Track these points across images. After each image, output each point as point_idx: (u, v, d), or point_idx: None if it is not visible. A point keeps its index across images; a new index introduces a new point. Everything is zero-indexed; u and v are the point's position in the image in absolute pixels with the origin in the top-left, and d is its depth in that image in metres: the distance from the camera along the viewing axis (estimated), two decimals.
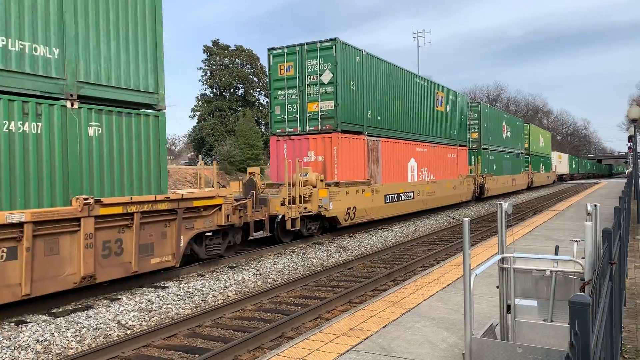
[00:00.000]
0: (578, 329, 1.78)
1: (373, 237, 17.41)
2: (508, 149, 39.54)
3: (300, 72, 17.13)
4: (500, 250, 4.38)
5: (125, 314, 8.53)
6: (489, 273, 8.62)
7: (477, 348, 3.68)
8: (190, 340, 7.64)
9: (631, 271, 9.74)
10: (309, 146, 17.05)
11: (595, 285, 2.45)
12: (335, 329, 6.07)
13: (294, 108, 17.31)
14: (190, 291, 10.02)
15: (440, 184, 24.77)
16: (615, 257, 4.50)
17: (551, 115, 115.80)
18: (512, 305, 4.40)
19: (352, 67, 17.45)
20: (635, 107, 18.88)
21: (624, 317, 6.84)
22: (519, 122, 45.14)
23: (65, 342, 7.38)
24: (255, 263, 12.75)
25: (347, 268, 12.72)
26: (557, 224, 16.10)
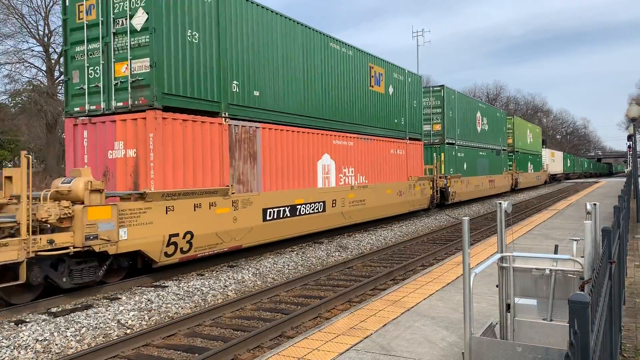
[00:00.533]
0: (577, 328, 1.78)
1: (372, 236, 17.42)
2: (484, 145, 33.24)
3: (105, 14, 11.06)
4: (499, 249, 4.38)
5: (124, 314, 8.53)
6: (489, 272, 8.63)
7: (477, 347, 3.69)
8: (190, 340, 7.65)
9: (630, 270, 9.75)
10: (116, 134, 10.90)
11: (594, 284, 2.45)
12: (335, 328, 6.07)
13: (96, 73, 11.19)
14: (190, 290, 10.02)
15: (376, 190, 18.74)
16: (614, 256, 4.50)
17: (550, 114, 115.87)
18: (511, 304, 4.40)
19: (195, 8, 11.27)
20: (634, 106, 18.88)
21: (624, 315, 6.84)
22: (500, 114, 38.49)
23: (64, 342, 7.38)
24: (254, 262, 12.75)
25: (346, 267, 12.73)
26: (556, 223, 16.11)
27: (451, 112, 27.49)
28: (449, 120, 27.19)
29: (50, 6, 34.63)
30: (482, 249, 11.38)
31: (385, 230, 18.90)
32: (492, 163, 34.74)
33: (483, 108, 33.89)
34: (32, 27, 34.24)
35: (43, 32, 34.92)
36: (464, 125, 29.55)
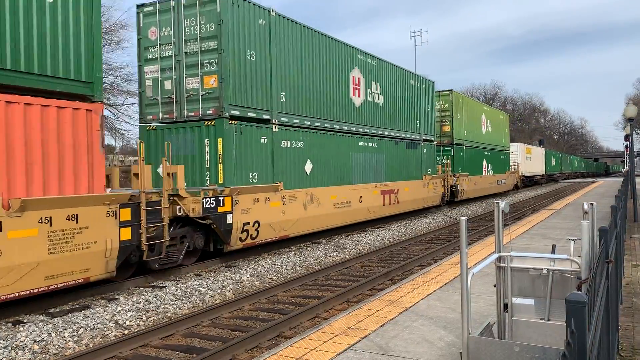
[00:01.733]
0: (574, 328, 1.78)
1: (370, 236, 17.43)
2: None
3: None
4: (497, 249, 4.39)
5: (122, 314, 8.52)
6: (487, 272, 8.64)
7: (475, 347, 3.69)
8: (188, 340, 7.64)
9: (628, 270, 9.78)
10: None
11: (591, 283, 2.46)
12: (333, 328, 6.08)
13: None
14: (188, 291, 10.01)
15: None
16: (611, 256, 4.52)
17: (548, 114, 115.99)
18: (509, 303, 4.41)
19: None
20: (631, 106, 18.93)
21: (621, 315, 6.86)
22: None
23: (62, 342, 7.36)
24: (252, 263, 12.74)
25: (344, 267, 12.73)
26: (554, 223, 16.14)
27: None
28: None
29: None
30: (480, 249, 11.40)
31: (383, 231, 18.91)
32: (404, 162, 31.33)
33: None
34: None
35: None
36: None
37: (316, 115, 16.00)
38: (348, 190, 17.39)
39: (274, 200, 13.70)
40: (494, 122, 36.66)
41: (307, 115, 15.61)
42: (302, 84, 15.37)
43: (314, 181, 15.76)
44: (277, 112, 14.30)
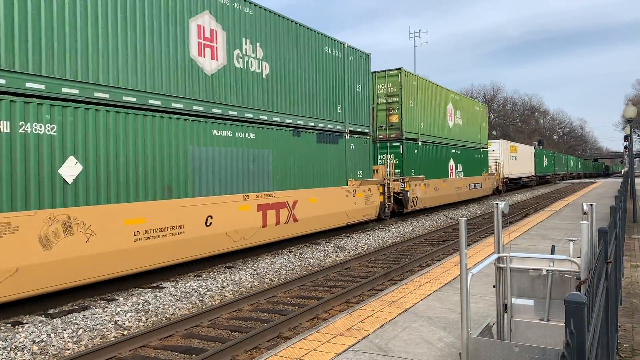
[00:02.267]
0: (573, 328, 1.78)
1: (370, 237, 17.43)
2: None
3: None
4: (496, 250, 4.39)
5: (122, 315, 8.52)
6: (486, 272, 8.64)
7: (474, 347, 3.69)
8: (187, 341, 7.64)
9: (627, 270, 9.78)
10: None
11: (590, 284, 2.46)
12: (332, 328, 6.07)
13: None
14: (187, 291, 10.01)
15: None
16: (611, 256, 4.52)
17: (548, 114, 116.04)
18: (508, 304, 4.41)
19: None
20: (631, 107, 18.94)
21: (620, 315, 6.86)
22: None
23: (62, 343, 7.36)
24: (252, 263, 12.74)
25: (344, 268, 12.73)
26: (553, 223, 16.15)
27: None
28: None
29: None
30: (480, 249, 11.40)
31: (382, 231, 18.91)
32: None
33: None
34: None
35: None
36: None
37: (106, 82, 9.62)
38: (174, 207, 10.66)
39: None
40: (466, 113, 30.29)
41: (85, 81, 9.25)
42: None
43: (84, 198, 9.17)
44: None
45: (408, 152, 22.71)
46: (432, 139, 25.44)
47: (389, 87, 22.47)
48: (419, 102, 23.90)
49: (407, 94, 22.74)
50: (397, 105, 22.35)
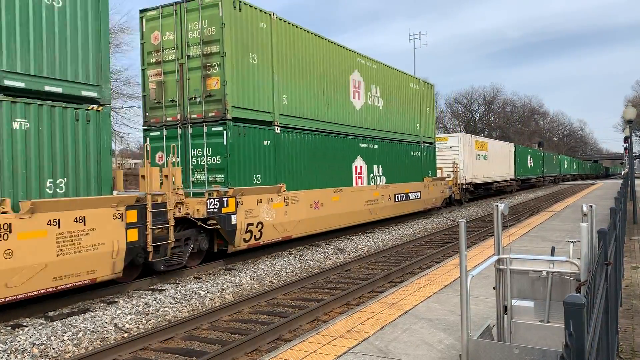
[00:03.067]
0: (573, 330, 1.78)
1: (370, 239, 17.42)
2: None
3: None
4: (496, 252, 4.39)
5: (122, 317, 8.51)
6: (486, 274, 8.64)
7: (474, 349, 3.69)
8: (187, 343, 7.63)
9: (627, 272, 9.77)
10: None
11: (590, 285, 2.46)
12: (332, 331, 6.07)
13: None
14: (188, 294, 10.01)
15: None
16: (610, 258, 4.52)
17: (547, 116, 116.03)
18: (508, 306, 4.41)
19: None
20: (630, 108, 18.95)
21: (620, 317, 6.86)
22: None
23: (62, 346, 7.35)
24: (252, 265, 12.73)
25: (344, 270, 12.72)
26: (553, 225, 16.14)
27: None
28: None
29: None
30: (480, 251, 11.40)
31: (382, 233, 18.91)
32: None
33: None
34: None
35: None
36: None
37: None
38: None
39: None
40: (391, 91, 21.16)
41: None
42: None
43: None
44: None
45: (242, 143, 13.09)
46: (313, 124, 15.91)
47: (206, 28, 12.92)
48: (274, 58, 14.32)
49: (239, 39, 13.06)
50: (218, 59, 12.74)
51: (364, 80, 19.39)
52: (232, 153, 12.81)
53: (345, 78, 18.04)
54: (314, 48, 16.37)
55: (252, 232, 12.95)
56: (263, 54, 14.01)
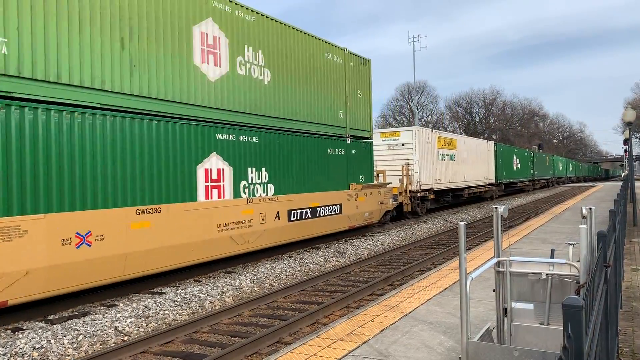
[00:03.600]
0: (571, 331, 1.79)
1: (370, 241, 17.42)
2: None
3: None
4: (496, 254, 4.39)
5: (122, 320, 8.51)
6: (486, 277, 8.64)
7: (474, 351, 3.69)
8: (187, 346, 7.63)
9: (627, 274, 9.77)
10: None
11: (589, 287, 2.47)
12: (332, 333, 6.07)
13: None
14: (187, 297, 10.00)
15: None
16: (610, 260, 4.52)
17: (547, 118, 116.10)
18: (508, 308, 4.41)
19: None
20: (630, 110, 18.97)
21: (620, 319, 6.86)
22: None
23: (62, 349, 7.35)
24: (252, 268, 12.73)
25: (344, 272, 12.72)
26: (553, 227, 16.14)
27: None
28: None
29: None
30: (480, 254, 11.40)
31: (382, 235, 18.90)
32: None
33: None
34: None
35: None
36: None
37: None
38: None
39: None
40: (290, 60, 14.90)
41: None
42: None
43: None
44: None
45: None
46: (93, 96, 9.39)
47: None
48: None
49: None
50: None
51: (229, 38, 12.65)
52: None
53: (184, 28, 11.35)
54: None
55: None
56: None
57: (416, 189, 24.18)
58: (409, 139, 24.79)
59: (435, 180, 26.35)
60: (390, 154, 24.96)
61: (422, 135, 25.44)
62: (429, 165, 25.86)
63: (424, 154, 25.24)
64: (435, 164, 26.71)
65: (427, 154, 25.76)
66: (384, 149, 25.16)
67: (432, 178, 26.09)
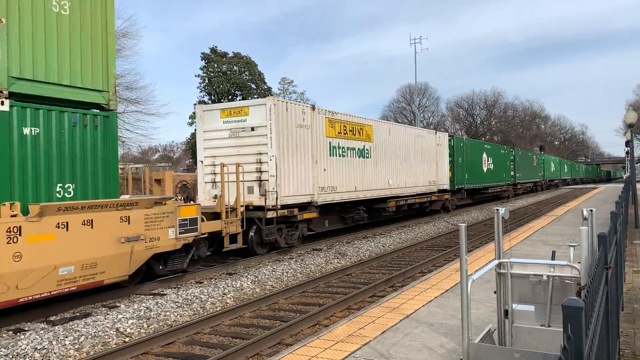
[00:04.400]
0: (571, 333, 1.79)
1: (371, 243, 17.42)
2: None
3: None
4: (497, 256, 4.39)
5: (123, 322, 8.52)
6: (488, 278, 8.64)
7: (475, 353, 3.70)
8: (188, 348, 7.64)
9: (629, 276, 9.77)
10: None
11: (589, 289, 2.47)
12: (333, 335, 6.07)
13: None
14: (189, 298, 10.01)
15: None
16: (611, 262, 4.53)
17: (549, 120, 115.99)
18: (509, 310, 4.41)
19: None
20: (631, 112, 18.96)
21: (622, 321, 6.85)
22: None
23: (63, 350, 7.36)
24: (253, 270, 12.74)
25: (345, 274, 12.72)
26: (554, 229, 16.13)
27: None
28: None
29: None
30: (481, 255, 11.39)
31: (384, 237, 18.90)
32: None
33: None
34: None
35: None
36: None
37: None
38: None
39: None
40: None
41: None
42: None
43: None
44: None
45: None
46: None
47: None
48: None
49: None
50: None
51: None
52: None
53: None
54: None
55: None
56: None
57: (272, 206, 14.11)
58: (260, 120, 14.46)
59: (319, 188, 16.11)
60: (236, 144, 14.77)
61: (288, 113, 14.90)
62: (304, 165, 15.51)
63: (291, 144, 14.93)
64: (323, 161, 16.42)
65: (301, 146, 15.42)
66: (226, 137, 14.96)
67: (313, 185, 15.86)
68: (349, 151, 18.22)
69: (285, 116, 14.75)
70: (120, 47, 35.39)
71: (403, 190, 22.13)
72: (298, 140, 15.33)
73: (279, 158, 14.37)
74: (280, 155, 14.44)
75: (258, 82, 55.77)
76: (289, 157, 14.88)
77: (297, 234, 15.54)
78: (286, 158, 14.71)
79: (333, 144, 17.18)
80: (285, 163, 14.64)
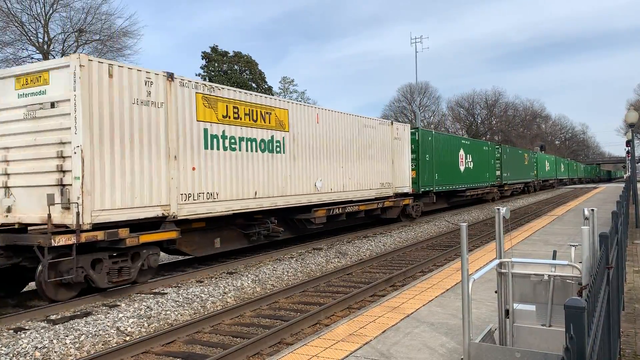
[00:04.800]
0: (573, 333, 1.79)
1: (372, 243, 17.41)
2: None
3: None
4: (498, 255, 4.39)
5: (124, 320, 8.52)
6: (489, 278, 8.63)
7: (476, 353, 3.69)
8: (189, 347, 7.64)
9: (630, 275, 9.76)
10: None
11: (591, 289, 2.47)
12: (334, 334, 6.07)
13: None
14: (189, 297, 10.01)
15: None
16: (612, 262, 4.52)
17: (549, 119, 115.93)
18: (510, 310, 4.41)
19: None
20: (632, 112, 18.94)
21: (623, 321, 6.85)
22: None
23: (64, 349, 7.36)
24: (254, 269, 12.74)
25: (346, 274, 12.72)
26: (555, 229, 16.12)
27: None
28: None
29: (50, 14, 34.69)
30: (482, 255, 11.39)
31: (384, 237, 18.89)
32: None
33: None
34: (32, 35, 34.77)
35: (43, 39, 35.19)
36: None
37: None
38: None
39: None
40: None
41: None
42: None
43: None
44: None
45: None
46: None
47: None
48: None
49: None
50: None
51: None
52: None
53: None
54: None
55: None
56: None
57: (76, 225, 9.08)
58: (63, 91, 9.57)
59: (183, 196, 11.21)
60: (33, 129, 9.94)
61: (115, 81, 9.92)
62: (149, 161, 10.53)
63: (118, 130, 9.96)
64: (190, 157, 11.52)
65: (145, 133, 10.45)
66: (21, 119, 10.05)
67: (168, 192, 10.85)
68: (245, 143, 13.11)
69: (107, 86, 9.72)
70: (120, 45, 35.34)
71: (339, 195, 17.04)
72: (137, 123, 10.26)
73: (90, 150, 9.36)
74: (93, 145, 9.42)
75: (259, 81, 55.80)
76: (115, 149, 9.82)
77: (136, 266, 10.37)
78: (107, 150, 9.68)
79: (212, 132, 12.09)
80: (104, 158, 9.62)
